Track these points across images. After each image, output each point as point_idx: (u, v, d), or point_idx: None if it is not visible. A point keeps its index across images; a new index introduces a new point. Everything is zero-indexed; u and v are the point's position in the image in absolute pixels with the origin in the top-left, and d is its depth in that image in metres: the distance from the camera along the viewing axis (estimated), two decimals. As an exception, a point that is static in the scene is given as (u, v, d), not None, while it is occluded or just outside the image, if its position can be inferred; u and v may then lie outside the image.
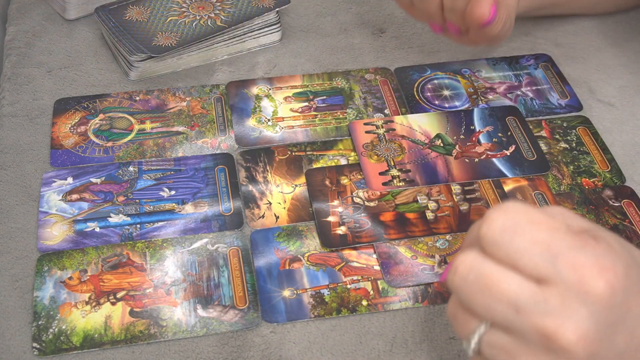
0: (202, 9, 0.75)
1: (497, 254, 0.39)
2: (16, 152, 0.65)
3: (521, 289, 0.38)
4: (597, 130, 0.69)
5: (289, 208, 0.61)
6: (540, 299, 0.37)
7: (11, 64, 0.74)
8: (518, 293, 0.38)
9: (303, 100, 0.71)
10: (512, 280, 0.38)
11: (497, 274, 0.38)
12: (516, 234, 0.38)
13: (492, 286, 0.38)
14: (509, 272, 0.38)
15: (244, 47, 0.76)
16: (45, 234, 0.59)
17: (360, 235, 0.59)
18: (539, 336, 0.37)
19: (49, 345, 0.52)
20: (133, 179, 0.63)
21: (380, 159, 0.65)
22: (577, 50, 0.78)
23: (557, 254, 0.37)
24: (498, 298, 0.38)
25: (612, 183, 0.65)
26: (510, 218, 0.39)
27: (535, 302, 0.37)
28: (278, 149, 0.66)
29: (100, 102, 0.70)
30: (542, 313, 0.37)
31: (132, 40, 0.71)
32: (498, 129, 0.68)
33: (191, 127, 0.68)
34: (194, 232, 0.59)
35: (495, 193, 0.63)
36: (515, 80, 0.74)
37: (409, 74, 0.74)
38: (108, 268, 0.57)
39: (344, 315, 0.55)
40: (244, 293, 0.56)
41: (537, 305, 0.37)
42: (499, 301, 0.38)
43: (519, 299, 0.37)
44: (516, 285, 0.38)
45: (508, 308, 0.38)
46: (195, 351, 0.53)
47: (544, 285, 0.37)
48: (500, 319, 0.38)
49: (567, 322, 0.37)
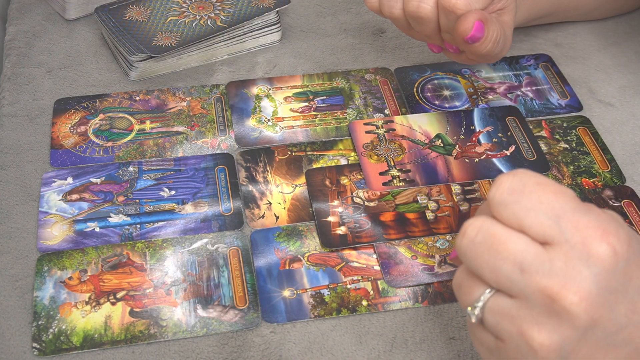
0: (202, 9, 0.75)
1: (504, 215, 0.39)
2: (16, 152, 0.65)
3: (527, 249, 0.38)
4: (597, 131, 0.69)
5: (289, 208, 0.61)
6: (545, 259, 0.38)
7: (11, 64, 0.74)
8: (524, 253, 0.38)
9: (303, 100, 0.71)
10: (519, 240, 0.39)
11: (504, 234, 0.39)
12: (523, 194, 0.39)
13: (499, 246, 0.39)
14: (516, 233, 0.39)
15: (244, 47, 0.76)
16: (45, 234, 0.59)
17: (360, 235, 0.59)
18: (542, 297, 0.38)
19: (49, 345, 0.52)
20: (133, 179, 0.63)
21: (380, 159, 0.65)
22: (577, 50, 0.78)
23: (562, 215, 0.38)
24: (504, 257, 0.39)
25: (612, 183, 0.65)
26: (518, 180, 0.40)
27: (541, 262, 0.38)
28: (278, 149, 0.66)
29: (100, 102, 0.70)
30: (546, 273, 0.38)
31: (132, 40, 0.71)
32: (498, 129, 0.68)
33: (191, 127, 0.68)
34: (194, 232, 0.59)
35: (495, 193, 0.63)
36: (515, 80, 0.74)
37: (409, 74, 0.74)
38: (108, 268, 0.57)
39: (344, 315, 0.55)
40: (244, 293, 0.56)
41: (541, 265, 0.38)
42: (505, 260, 0.39)
43: (524, 259, 0.38)
44: (522, 245, 0.38)
45: (513, 267, 0.38)
46: (195, 351, 0.53)
47: (548, 246, 0.38)
48: (505, 280, 0.39)
49: (570, 283, 0.37)
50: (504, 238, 0.39)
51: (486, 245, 0.39)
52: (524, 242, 0.39)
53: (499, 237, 0.39)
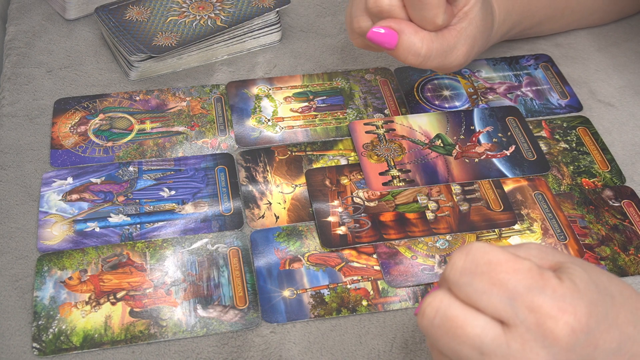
0: (202, 9, 0.75)
1: (460, 295, 0.39)
2: (16, 152, 0.65)
3: (485, 332, 0.38)
4: (597, 131, 0.69)
5: (289, 208, 0.61)
6: (503, 342, 0.38)
7: (11, 64, 0.74)
8: (482, 336, 0.38)
9: (303, 100, 0.71)
10: (476, 322, 0.38)
11: (461, 317, 0.39)
12: (475, 275, 0.38)
13: (457, 329, 0.39)
14: (474, 313, 0.39)
15: (244, 47, 0.76)
16: (45, 234, 0.59)
17: (360, 236, 0.59)
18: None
19: (49, 345, 0.52)
20: (133, 179, 0.63)
21: (380, 159, 0.65)
22: (577, 51, 0.78)
23: (516, 296, 0.38)
24: (463, 341, 0.38)
25: (612, 183, 0.65)
26: (470, 260, 0.39)
27: (498, 345, 0.38)
28: (278, 149, 0.66)
29: (100, 102, 0.70)
30: (504, 356, 0.37)
31: (132, 40, 0.71)
32: (498, 129, 0.68)
33: (191, 127, 0.68)
34: (194, 232, 0.59)
35: (495, 193, 0.63)
36: (515, 80, 0.74)
37: (409, 74, 0.74)
38: (108, 268, 0.57)
39: (344, 316, 0.55)
40: (244, 293, 0.56)
41: (499, 348, 0.38)
42: (464, 345, 0.38)
43: (482, 342, 0.38)
44: (480, 329, 0.38)
45: (473, 351, 0.38)
46: (195, 351, 0.53)
47: (505, 327, 0.38)
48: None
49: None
50: (461, 321, 0.38)
51: (444, 329, 0.39)
52: (481, 325, 0.38)
53: (456, 320, 0.39)
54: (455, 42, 0.60)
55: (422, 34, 0.58)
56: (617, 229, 0.61)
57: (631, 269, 0.58)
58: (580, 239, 0.60)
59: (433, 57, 0.59)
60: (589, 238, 0.60)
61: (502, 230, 0.60)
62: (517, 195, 0.63)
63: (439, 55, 0.60)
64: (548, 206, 0.62)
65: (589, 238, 0.60)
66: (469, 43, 0.61)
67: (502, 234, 0.60)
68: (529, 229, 0.61)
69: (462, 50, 0.61)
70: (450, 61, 0.61)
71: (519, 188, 0.63)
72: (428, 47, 0.59)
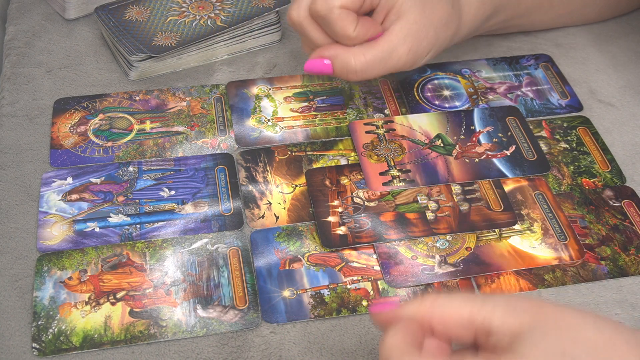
0: (202, 9, 0.75)
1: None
2: (16, 152, 0.65)
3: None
4: (597, 131, 0.69)
5: (289, 208, 0.61)
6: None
7: (11, 63, 0.74)
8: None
9: (303, 100, 0.71)
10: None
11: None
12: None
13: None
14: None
15: (244, 47, 0.76)
16: (45, 234, 0.59)
17: (360, 236, 0.59)
18: None
19: (48, 346, 0.52)
20: (133, 179, 0.63)
21: (380, 159, 0.65)
22: (577, 50, 0.78)
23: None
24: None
25: (612, 183, 0.65)
26: (386, 351, 0.40)
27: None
28: (278, 149, 0.66)
29: (100, 102, 0.70)
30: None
31: (132, 40, 0.71)
32: (498, 129, 0.68)
33: (191, 127, 0.68)
34: (193, 232, 0.59)
35: (495, 193, 0.63)
36: (515, 80, 0.74)
37: (409, 74, 0.74)
38: (108, 268, 0.57)
39: (344, 316, 0.55)
40: (244, 293, 0.56)
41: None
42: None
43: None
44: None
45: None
46: (195, 351, 0.52)
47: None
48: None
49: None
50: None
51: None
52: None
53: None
54: (390, 45, 0.61)
55: (352, 51, 0.60)
56: (618, 229, 0.61)
57: (631, 269, 0.58)
58: (581, 239, 0.60)
59: (372, 67, 0.61)
60: (589, 238, 0.60)
61: (502, 230, 0.60)
62: (517, 195, 0.63)
63: (376, 63, 0.61)
64: (548, 206, 0.62)
65: (589, 238, 0.60)
66: (410, 41, 0.61)
67: (502, 234, 0.60)
68: (529, 229, 0.60)
69: (403, 50, 0.61)
70: (394, 64, 0.62)
71: (519, 188, 0.63)
72: (361, 61, 0.60)
